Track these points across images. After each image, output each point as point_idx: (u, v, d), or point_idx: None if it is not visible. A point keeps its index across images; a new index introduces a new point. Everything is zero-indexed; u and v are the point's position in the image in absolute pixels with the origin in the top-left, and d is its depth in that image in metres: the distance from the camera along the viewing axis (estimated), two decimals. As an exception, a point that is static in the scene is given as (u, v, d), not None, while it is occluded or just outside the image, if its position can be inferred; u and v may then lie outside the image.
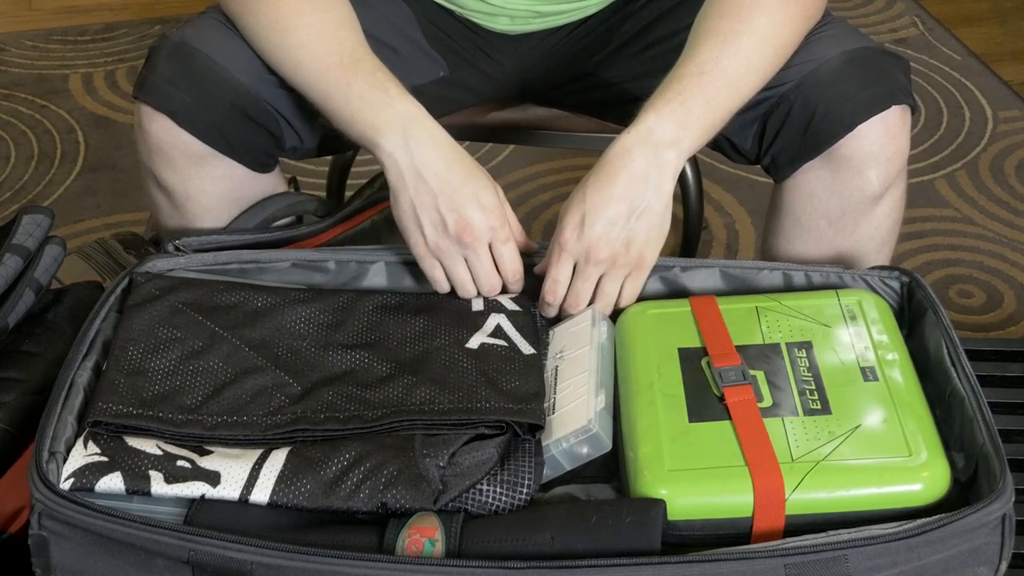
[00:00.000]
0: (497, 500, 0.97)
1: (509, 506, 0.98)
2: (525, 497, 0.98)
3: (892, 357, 1.07)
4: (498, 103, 1.51)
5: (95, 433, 0.99)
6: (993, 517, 0.93)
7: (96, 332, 1.09)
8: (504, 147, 2.31)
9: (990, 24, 2.76)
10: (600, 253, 1.11)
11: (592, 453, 1.02)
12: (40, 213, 1.22)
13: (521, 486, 0.98)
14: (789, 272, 1.19)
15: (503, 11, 1.36)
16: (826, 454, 0.98)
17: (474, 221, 1.11)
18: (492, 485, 0.97)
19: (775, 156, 1.26)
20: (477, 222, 1.11)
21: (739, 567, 0.90)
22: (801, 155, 1.23)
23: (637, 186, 1.11)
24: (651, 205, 1.12)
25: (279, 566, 0.90)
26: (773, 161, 1.26)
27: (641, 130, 1.12)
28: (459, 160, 1.13)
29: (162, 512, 0.97)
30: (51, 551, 0.94)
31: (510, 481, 0.98)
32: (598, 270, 1.12)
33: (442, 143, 1.13)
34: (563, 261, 1.12)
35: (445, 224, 1.11)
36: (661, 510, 0.95)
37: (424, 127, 1.13)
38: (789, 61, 1.21)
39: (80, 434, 0.99)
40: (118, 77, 2.52)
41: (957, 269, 2.01)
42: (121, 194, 2.18)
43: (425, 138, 1.13)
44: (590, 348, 1.09)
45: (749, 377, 1.05)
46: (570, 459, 1.02)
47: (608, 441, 1.03)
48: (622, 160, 1.11)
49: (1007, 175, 2.24)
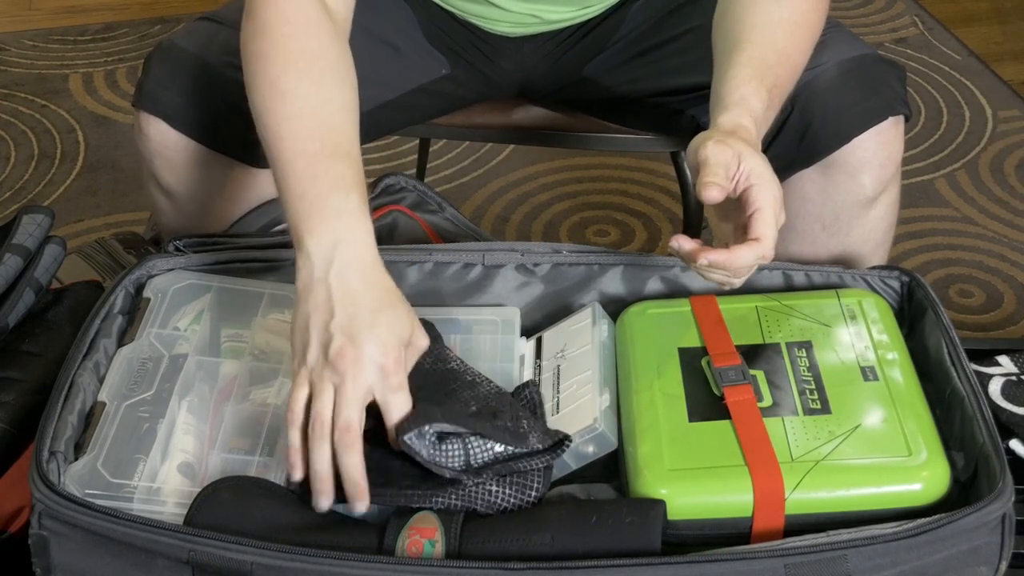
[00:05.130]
0: (505, 501, 0.97)
1: (516, 507, 0.97)
2: (533, 499, 0.98)
3: (892, 357, 1.08)
4: (498, 103, 1.51)
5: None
6: (993, 517, 0.93)
7: (96, 332, 1.09)
8: (504, 147, 2.32)
9: (990, 24, 2.76)
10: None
11: (598, 452, 1.02)
12: (40, 213, 1.23)
13: (530, 488, 0.98)
14: (789, 272, 1.19)
15: (504, 15, 1.36)
16: (826, 454, 0.98)
17: (361, 351, 0.95)
18: (501, 486, 0.97)
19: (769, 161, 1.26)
20: (364, 355, 0.95)
21: (739, 567, 0.90)
22: (796, 164, 1.23)
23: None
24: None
25: (279, 566, 0.90)
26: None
27: (756, 115, 1.08)
28: (380, 287, 1.00)
29: (162, 512, 0.97)
30: (51, 551, 0.94)
31: (519, 483, 0.98)
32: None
33: (370, 266, 1.00)
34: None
35: (330, 345, 0.96)
36: (661, 510, 0.95)
37: (359, 247, 1.00)
38: None
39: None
40: (118, 77, 2.52)
41: (957, 269, 2.01)
42: (121, 194, 2.18)
43: (353, 257, 0.99)
44: (591, 347, 1.09)
45: (749, 377, 1.05)
46: (576, 458, 1.02)
47: (614, 439, 1.03)
48: (752, 140, 1.06)
49: (1007, 175, 2.24)
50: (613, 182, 2.25)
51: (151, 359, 1.10)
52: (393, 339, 0.97)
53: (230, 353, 1.14)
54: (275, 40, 1.09)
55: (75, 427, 1.01)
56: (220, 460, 1.02)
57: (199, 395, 1.08)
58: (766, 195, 1.01)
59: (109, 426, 1.03)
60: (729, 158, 1.01)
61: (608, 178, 2.26)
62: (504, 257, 1.20)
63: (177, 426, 1.05)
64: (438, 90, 1.40)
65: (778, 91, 1.11)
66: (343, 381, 0.95)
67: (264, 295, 1.17)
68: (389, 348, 0.96)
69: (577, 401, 1.04)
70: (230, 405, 1.07)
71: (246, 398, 1.08)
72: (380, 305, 0.98)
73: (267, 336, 1.14)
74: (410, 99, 1.39)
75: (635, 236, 2.10)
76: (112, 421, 1.04)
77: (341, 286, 0.98)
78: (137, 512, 0.94)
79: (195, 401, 1.08)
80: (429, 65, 1.39)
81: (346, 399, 0.95)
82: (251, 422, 1.06)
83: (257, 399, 1.08)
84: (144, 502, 0.98)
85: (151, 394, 1.07)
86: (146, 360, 1.10)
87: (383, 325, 0.97)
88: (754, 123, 1.06)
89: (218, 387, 1.09)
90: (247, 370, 1.10)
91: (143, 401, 1.06)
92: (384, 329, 0.97)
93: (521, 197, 2.20)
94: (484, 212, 2.17)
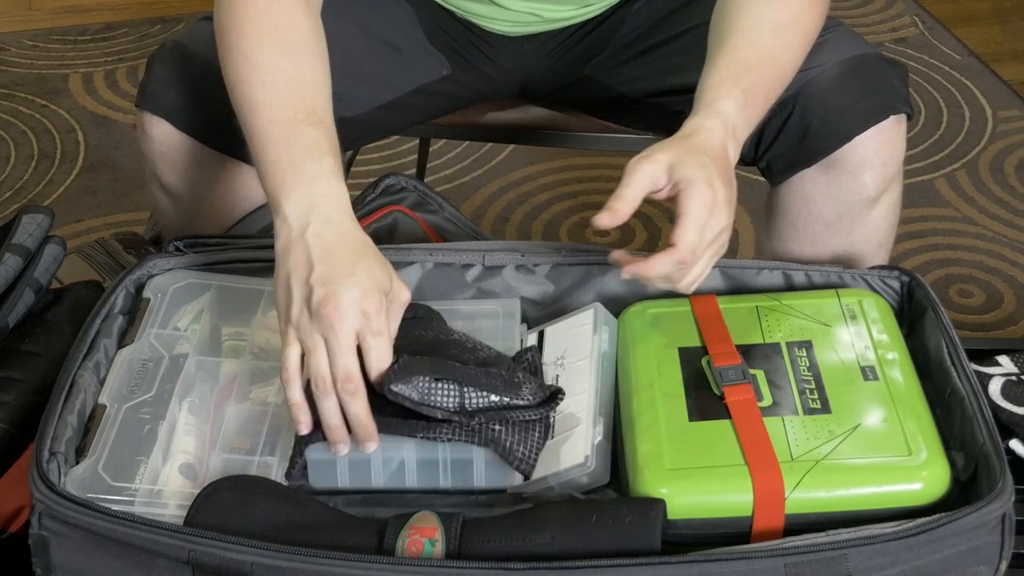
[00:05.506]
0: (509, 439, 0.99)
1: (521, 454, 0.99)
2: (537, 444, 0.99)
3: (892, 356, 1.08)
4: (498, 103, 1.51)
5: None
6: (993, 516, 0.93)
7: (96, 332, 1.09)
8: (504, 147, 2.32)
9: (990, 24, 2.76)
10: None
11: (590, 484, 1.02)
12: (40, 213, 1.23)
13: (533, 432, 0.99)
14: (789, 272, 1.19)
15: (504, 13, 1.36)
16: (826, 453, 0.98)
17: (342, 298, 0.96)
18: (504, 425, 0.99)
19: (770, 162, 1.26)
20: (345, 300, 0.96)
21: (739, 567, 0.90)
22: (797, 163, 1.23)
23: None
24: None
25: (279, 567, 0.90)
26: (768, 166, 1.27)
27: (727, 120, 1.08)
28: (356, 242, 1.01)
29: (164, 515, 0.97)
30: (51, 551, 0.94)
31: (523, 426, 1.00)
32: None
33: (345, 224, 1.02)
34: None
35: (311, 297, 0.97)
36: (661, 510, 0.95)
37: (334, 208, 1.02)
38: None
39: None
40: (118, 77, 2.52)
41: (957, 269, 2.01)
42: (121, 194, 2.18)
43: (329, 216, 1.01)
44: (590, 360, 1.09)
45: (749, 376, 1.05)
46: (573, 488, 1.02)
47: (606, 474, 1.03)
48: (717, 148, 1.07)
49: (1007, 175, 2.24)
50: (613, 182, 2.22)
51: (151, 360, 1.10)
52: (372, 284, 0.98)
53: (230, 352, 1.14)
54: (249, 14, 1.11)
55: (75, 427, 1.01)
56: (221, 460, 1.02)
57: (199, 395, 1.08)
58: (691, 201, 1.02)
59: (110, 429, 1.03)
60: (653, 172, 1.03)
61: (608, 178, 2.26)
62: (504, 257, 1.20)
63: (178, 427, 1.05)
64: (439, 90, 1.40)
65: (758, 91, 1.11)
66: (331, 331, 0.96)
67: (264, 292, 1.17)
68: (369, 292, 0.98)
69: (572, 428, 1.04)
70: (230, 405, 1.07)
71: (246, 397, 1.08)
72: (357, 256, 1.00)
73: (267, 334, 1.14)
74: (411, 99, 1.39)
75: (635, 236, 2.10)
76: (113, 424, 1.04)
77: (318, 243, 0.99)
78: (137, 512, 0.94)
79: (196, 401, 1.08)
80: (430, 65, 1.39)
81: (339, 349, 0.96)
82: (252, 421, 1.06)
83: (257, 398, 1.08)
84: (146, 505, 0.98)
85: (151, 395, 1.07)
86: (146, 361, 1.10)
87: (361, 272, 0.98)
88: (722, 124, 1.07)
89: (218, 387, 1.09)
90: (247, 369, 1.10)
91: (144, 403, 1.06)
92: (363, 275, 0.98)
93: (521, 197, 2.20)
94: (484, 212, 2.17)
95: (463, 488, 1.02)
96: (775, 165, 1.26)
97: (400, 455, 1.01)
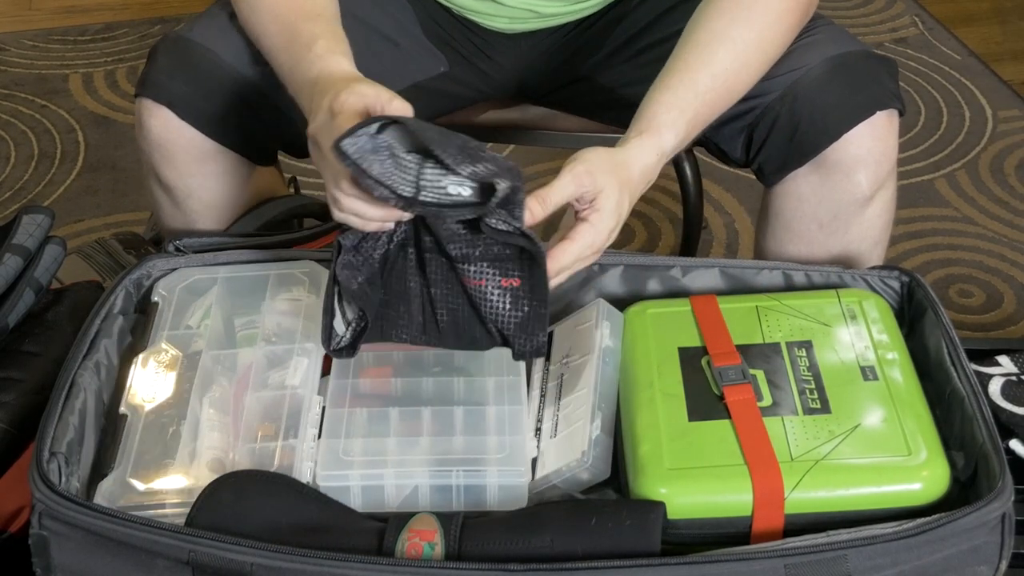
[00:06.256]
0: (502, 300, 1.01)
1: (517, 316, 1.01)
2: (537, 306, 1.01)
3: (892, 356, 1.08)
4: (497, 102, 1.51)
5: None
6: (992, 516, 0.93)
7: (96, 332, 1.09)
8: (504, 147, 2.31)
9: (990, 24, 2.76)
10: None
11: (591, 480, 1.02)
12: (40, 213, 1.23)
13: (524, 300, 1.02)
14: (789, 272, 1.19)
15: (501, 10, 1.36)
16: (826, 453, 0.98)
17: (350, 96, 1.00)
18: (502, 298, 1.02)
19: (762, 164, 1.26)
20: (354, 96, 1.01)
21: (739, 568, 0.90)
22: (788, 164, 1.23)
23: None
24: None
25: (279, 567, 0.90)
26: (760, 168, 1.27)
27: (664, 150, 1.11)
28: (337, 83, 1.04)
29: (163, 513, 0.97)
30: (51, 551, 0.94)
31: (515, 295, 1.02)
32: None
33: (338, 84, 1.04)
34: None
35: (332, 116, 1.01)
36: (661, 512, 0.95)
37: (334, 74, 1.07)
38: (775, 70, 1.20)
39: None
40: (118, 77, 2.52)
41: (957, 269, 2.01)
42: (121, 194, 2.18)
43: (331, 82, 1.05)
44: (591, 357, 1.09)
45: (749, 376, 1.05)
46: (574, 485, 1.02)
47: (607, 468, 1.03)
48: (646, 176, 1.10)
49: (1007, 175, 2.24)
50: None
51: (167, 362, 1.10)
52: (377, 89, 1.01)
53: (245, 341, 1.14)
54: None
55: (76, 427, 1.01)
56: (247, 451, 1.03)
57: (219, 389, 1.08)
58: (590, 231, 1.03)
59: (133, 437, 1.03)
60: (584, 191, 1.03)
61: (608, 178, 2.25)
62: (504, 257, 1.19)
63: (202, 424, 1.05)
64: (436, 88, 1.40)
65: (702, 119, 1.14)
66: (319, 167, 1.02)
67: (270, 276, 1.18)
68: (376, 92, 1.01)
69: (572, 425, 1.04)
70: (249, 393, 1.07)
71: (265, 384, 1.09)
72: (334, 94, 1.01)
73: (278, 318, 1.14)
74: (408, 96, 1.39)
75: (635, 236, 2.10)
76: (135, 431, 1.04)
77: (339, 100, 1.01)
78: (173, 517, 0.94)
79: (216, 396, 1.08)
80: (427, 62, 1.39)
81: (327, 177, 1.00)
82: (273, 407, 1.06)
83: (275, 383, 1.09)
84: (178, 505, 0.98)
85: (171, 397, 1.07)
86: (162, 364, 1.10)
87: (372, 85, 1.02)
88: (658, 153, 1.10)
89: (236, 377, 1.10)
90: (262, 355, 1.11)
91: (164, 406, 1.07)
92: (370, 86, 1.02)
93: (521, 197, 2.19)
94: (484, 212, 2.16)
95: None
96: (767, 166, 1.25)
97: (414, 481, 1.01)
